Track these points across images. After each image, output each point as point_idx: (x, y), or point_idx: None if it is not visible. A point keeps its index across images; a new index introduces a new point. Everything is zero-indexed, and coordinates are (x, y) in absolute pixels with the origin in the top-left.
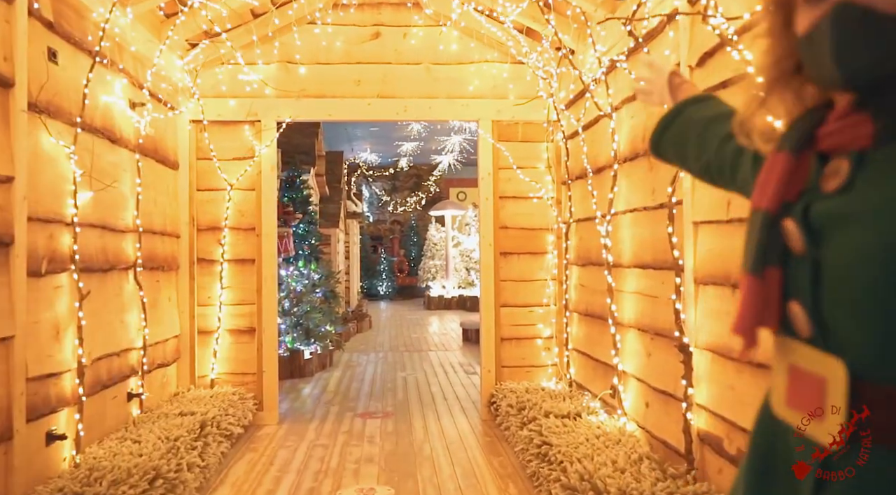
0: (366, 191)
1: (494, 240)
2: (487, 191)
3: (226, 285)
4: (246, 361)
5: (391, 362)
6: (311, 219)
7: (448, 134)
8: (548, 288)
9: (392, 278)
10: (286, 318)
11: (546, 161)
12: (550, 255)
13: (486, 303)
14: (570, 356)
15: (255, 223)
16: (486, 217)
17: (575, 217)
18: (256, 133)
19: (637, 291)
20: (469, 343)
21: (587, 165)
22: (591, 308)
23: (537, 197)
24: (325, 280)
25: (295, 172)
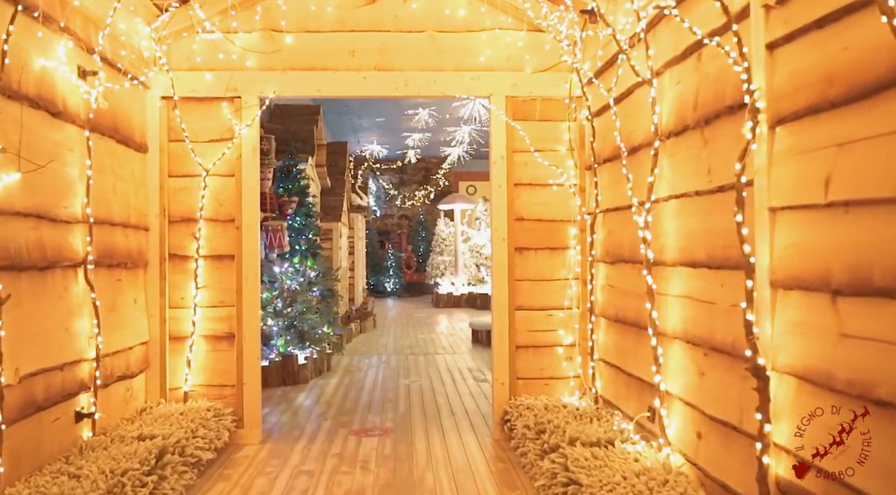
0: (373, 184)
1: (509, 234)
2: (500, 178)
3: (201, 285)
4: (224, 372)
5: (394, 367)
6: (308, 211)
7: (458, 124)
8: (569, 288)
9: (399, 274)
10: (278, 320)
11: (568, 143)
12: (573, 251)
13: (498, 305)
14: (597, 367)
15: (234, 214)
16: (498, 207)
17: (602, 206)
18: (236, 111)
19: (685, 295)
20: (479, 345)
21: (621, 144)
22: (624, 313)
23: (557, 184)
24: (322, 277)
25: (291, 161)
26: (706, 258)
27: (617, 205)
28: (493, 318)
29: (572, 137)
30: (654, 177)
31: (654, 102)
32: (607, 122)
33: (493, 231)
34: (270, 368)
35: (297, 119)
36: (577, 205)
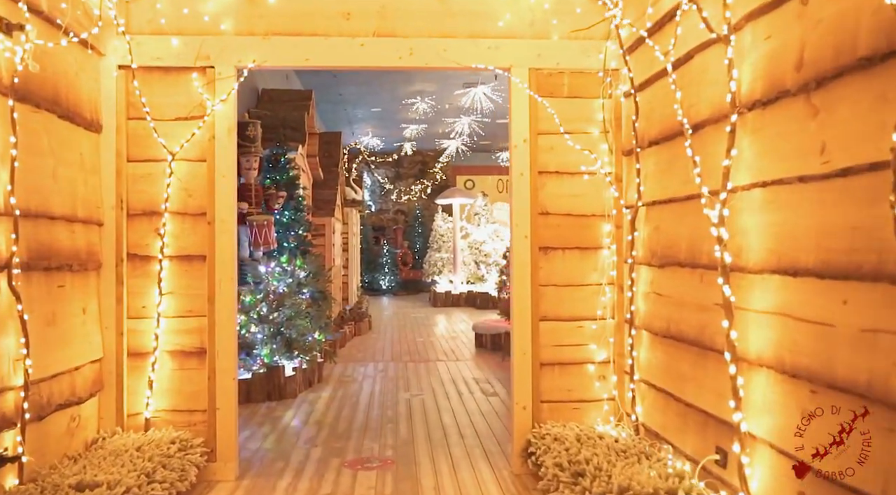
0: (367, 178)
1: (531, 231)
2: (522, 165)
3: (167, 290)
4: (194, 394)
5: (392, 377)
6: (298, 204)
7: (457, 115)
8: (603, 295)
9: (395, 272)
10: (263, 326)
11: (601, 123)
12: (606, 252)
13: (519, 315)
14: (637, 390)
15: (206, 206)
16: (520, 199)
17: (647, 198)
18: (209, 83)
19: (779, 311)
20: (483, 350)
21: (683, 119)
22: (678, 327)
23: (589, 172)
24: (313, 278)
25: (279, 150)
26: (817, 265)
27: (669, 196)
28: (512, 330)
29: (607, 117)
30: (731, 160)
31: (730, 65)
32: (658, 95)
33: (513, 228)
34: (254, 381)
35: (287, 105)
36: (613, 196)
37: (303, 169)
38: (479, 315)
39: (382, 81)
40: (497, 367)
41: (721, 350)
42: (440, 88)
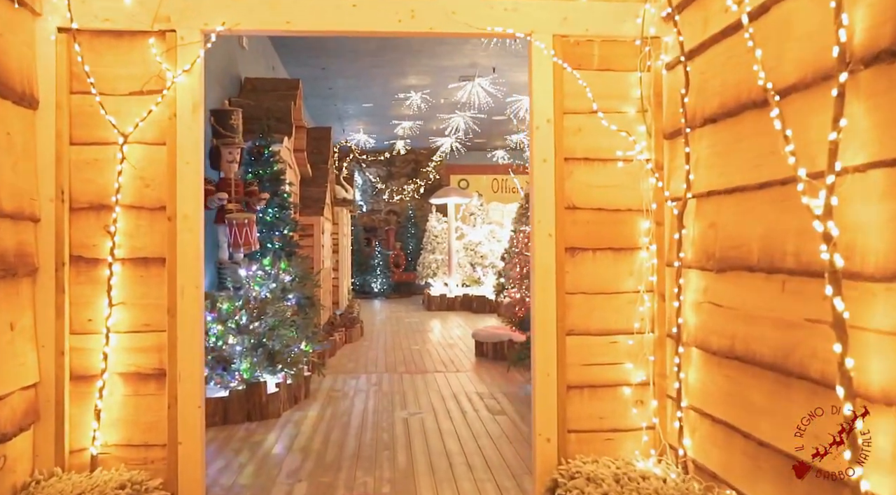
0: (358, 177)
1: (557, 228)
2: (545, 149)
3: (118, 300)
4: (151, 426)
5: (387, 391)
6: (283, 202)
7: (452, 110)
8: (640, 305)
9: (387, 274)
10: (242, 337)
11: (638, 101)
12: (645, 253)
13: (541, 328)
14: (687, 419)
15: (166, 199)
16: (542, 191)
17: (699, 188)
18: (169, 51)
19: None
20: (483, 359)
21: (767, 84)
22: (748, 346)
23: (625, 158)
24: (299, 282)
25: (262, 141)
26: None
27: (732, 184)
28: (533, 347)
29: (645, 94)
30: (838, 134)
31: (839, 6)
32: (715, 61)
33: (534, 224)
34: (232, 400)
35: (272, 95)
36: (653, 187)
37: (289, 164)
38: (476, 319)
39: (374, 74)
40: (502, 379)
41: (816, 379)
42: (435, 82)
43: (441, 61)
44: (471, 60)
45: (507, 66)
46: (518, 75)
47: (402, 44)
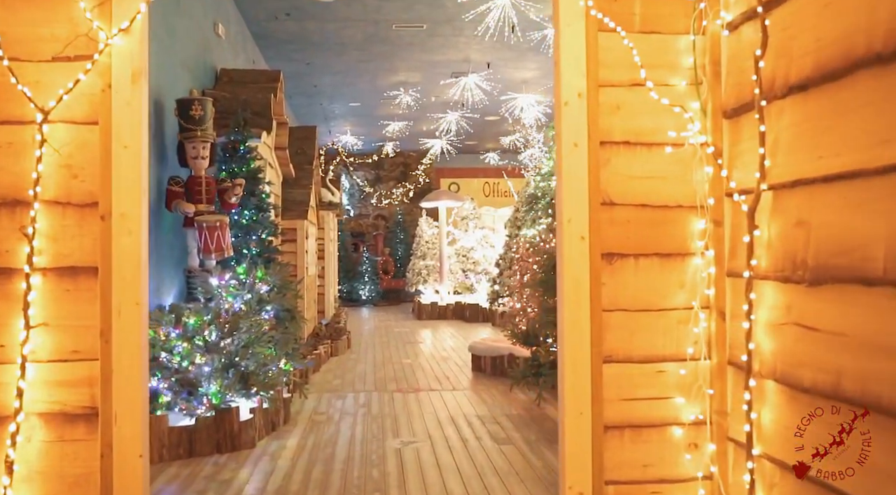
0: (346, 181)
1: (591, 230)
2: (576, 130)
3: (38, 321)
4: (78, 480)
5: (377, 413)
6: (261, 203)
7: (443, 110)
8: (694, 325)
9: (375, 281)
10: (211, 357)
11: (691, 72)
12: (699, 259)
13: (572, 355)
14: (761, 471)
15: (98, 193)
16: (572, 182)
17: (778, 177)
18: (102, 5)
19: None
20: (482, 375)
21: None
22: (864, 386)
23: (674, 143)
24: (278, 292)
25: (238, 136)
26: None
27: (832, 170)
28: (561, 377)
29: (699, 62)
30: None
31: None
32: (809, 10)
33: (561, 224)
34: (198, 429)
35: (251, 87)
36: (710, 177)
37: (269, 163)
38: (469, 329)
39: (362, 69)
40: (503, 399)
41: None
42: (426, 78)
43: (433, 55)
44: (464, 55)
45: (501, 61)
46: (513, 72)
47: (392, 36)
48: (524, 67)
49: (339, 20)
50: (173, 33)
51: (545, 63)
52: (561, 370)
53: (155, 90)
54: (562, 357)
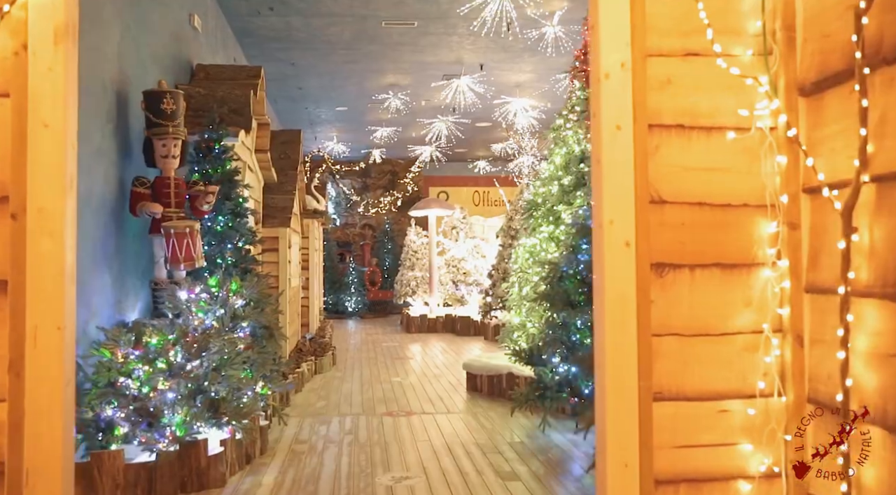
0: (332, 189)
1: (638, 234)
2: (618, 109)
3: None
4: None
5: (365, 442)
6: (237, 207)
7: (433, 115)
8: (764, 353)
9: (362, 292)
10: (176, 382)
11: (758, 40)
12: (768, 271)
13: (614, 390)
14: None
15: (9, 184)
16: (614, 174)
17: (888, 166)
18: None
19: None
20: (478, 396)
21: None
22: None
23: (738, 127)
24: (254, 307)
25: (213, 134)
26: None
27: None
28: (599, 419)
29: (770, 27)
30: None
31: None
32: None
33: (600, 226)
34: (160, 466)
35: (229, 83)
36: (784, 169)
37: (249, 166)
38: (460, 343)
39: (349, 71)
40: (503, 423)
41: None
42: (416, 81)
43: (424, 56)
44: (456, 55)
45: (495, 63)
46: (507, 74)
47: (381, 34)
48: (519, 69)
49: (326, 15)
50: (142, 21)
51: (541, 64)
52: (601, 410)
53: (118, 81)
54: (602, 393)
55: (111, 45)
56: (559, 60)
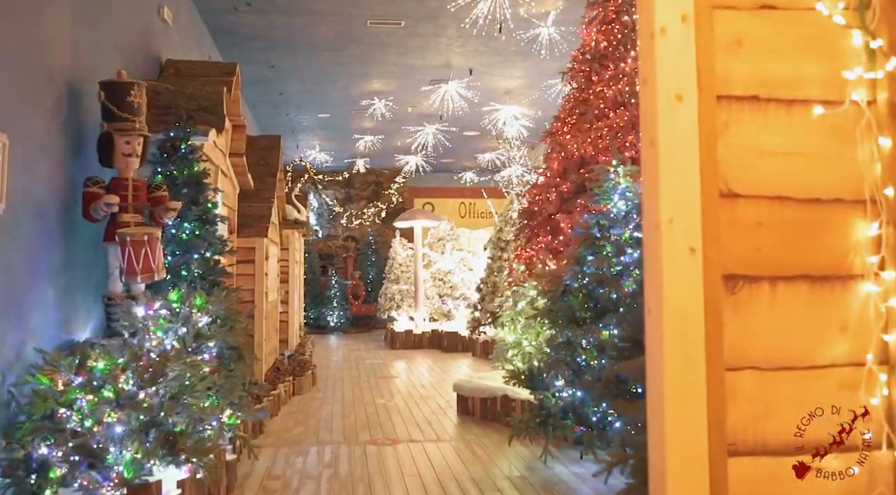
0: (314, 200)
1: (705, 237)
2: (680, 75)
3: None
4: None
5: (346, 477)
6: (205, 213)
7: (420, 123)
8: (867, 393)
9: (345, 306)
10: (126, 414)
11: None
12: (872, 285)
13: (677, 442)
14: None
15: None
16: (674, 157)
17: None
18: None
19: None
20: (470, 420)
21: None
22: None
23: (826, 100)
24: (222, 325)
25: (179, 132)
26: None
27: None
28: (658, 481)
29: None
30: None
31: None
32: None
33: (655, 227)
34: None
35: (201, 80)
36: (889, 153)
37: (222, 170)
38: (448, 360)
39: (333, 75)
40: (499, 453)
41: None
42: (402, 86)
43: (411, 59)
44: (445, 58)
45: (484, 67)
46: (497, 80)
47: (366, 34)
48: (509, 75)
49: (308, 14)
50: (101, 6)
51: (532, 69)
52: (658, 472)
53: (70, 71)
54: (659, 448)
55: (60, 29)
56: (552, 64)
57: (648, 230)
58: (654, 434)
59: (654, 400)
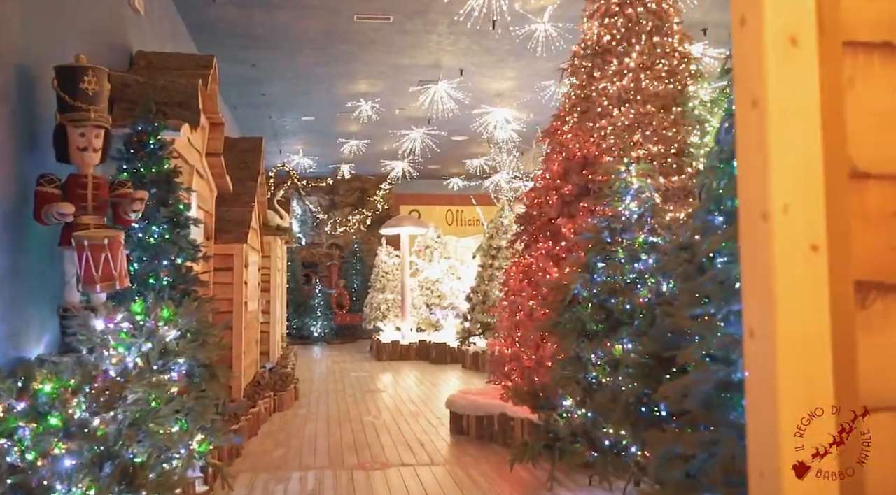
0: (297, 206)
1: (829, 231)
2: (794, 11)
3: None
4: None
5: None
6: (176, 216)
7: (407, 126)
8: None
9: (329, 316)
10: (77, 445)
11: None
12: None
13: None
14: None
15: None
16: (786, 123)
17: None
18: None
19: None
20: (464, 440)
21: None
22: None
23: None
24: (192, 340)
25: (148, 126)
26: None
27: None
28: None
29: None
30: None
31: None
32: None
33: (761, 218)
34: None
35: (174, 73)
36: None
37: (198, 171)
38: (436, 372)
39: (318, 75)
40: (499, 478)
41: None
42: (390, 87)
43: (400, 58)
44: (435, 58)
45: (475, 67)
46: (488, 81)
47: (353, 30)
48: (501, 75)
49: (292, 8)
50: None
51: (525, 69)
52: None
53: (21, 55)
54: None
55: (8, 7)
56: (547, 64)
57: (749, 222)
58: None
59: (757, 456)
